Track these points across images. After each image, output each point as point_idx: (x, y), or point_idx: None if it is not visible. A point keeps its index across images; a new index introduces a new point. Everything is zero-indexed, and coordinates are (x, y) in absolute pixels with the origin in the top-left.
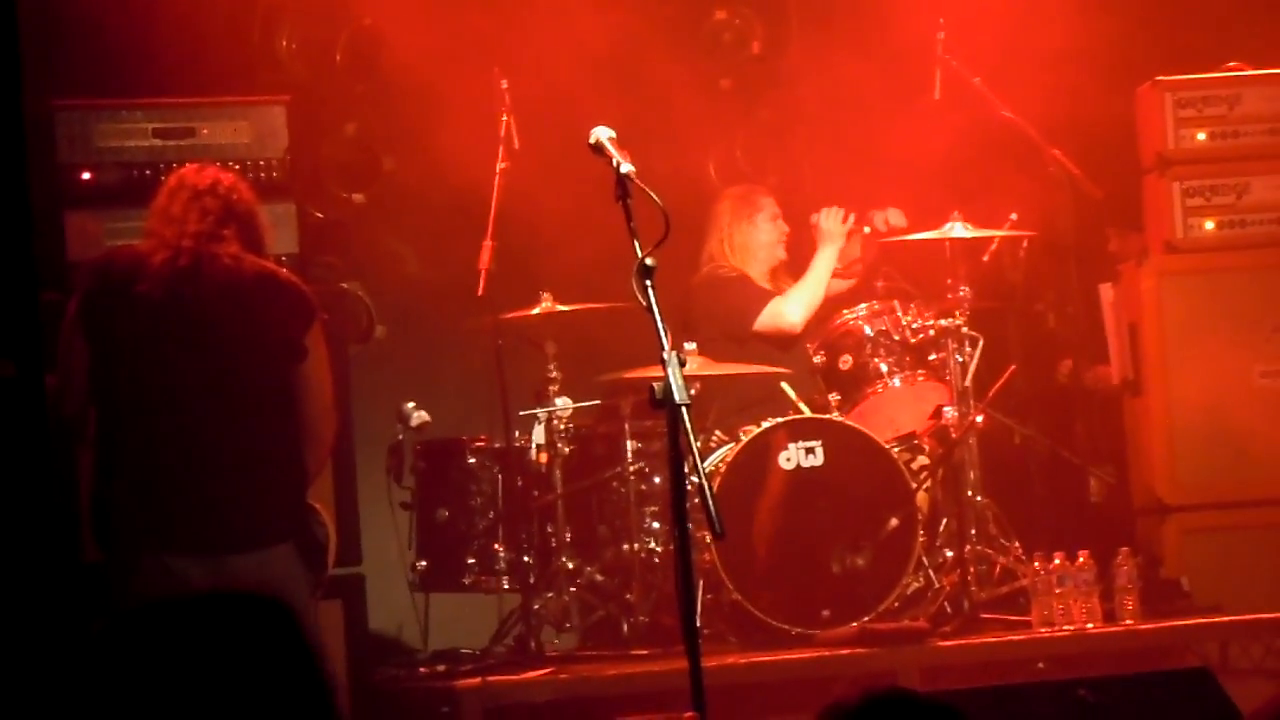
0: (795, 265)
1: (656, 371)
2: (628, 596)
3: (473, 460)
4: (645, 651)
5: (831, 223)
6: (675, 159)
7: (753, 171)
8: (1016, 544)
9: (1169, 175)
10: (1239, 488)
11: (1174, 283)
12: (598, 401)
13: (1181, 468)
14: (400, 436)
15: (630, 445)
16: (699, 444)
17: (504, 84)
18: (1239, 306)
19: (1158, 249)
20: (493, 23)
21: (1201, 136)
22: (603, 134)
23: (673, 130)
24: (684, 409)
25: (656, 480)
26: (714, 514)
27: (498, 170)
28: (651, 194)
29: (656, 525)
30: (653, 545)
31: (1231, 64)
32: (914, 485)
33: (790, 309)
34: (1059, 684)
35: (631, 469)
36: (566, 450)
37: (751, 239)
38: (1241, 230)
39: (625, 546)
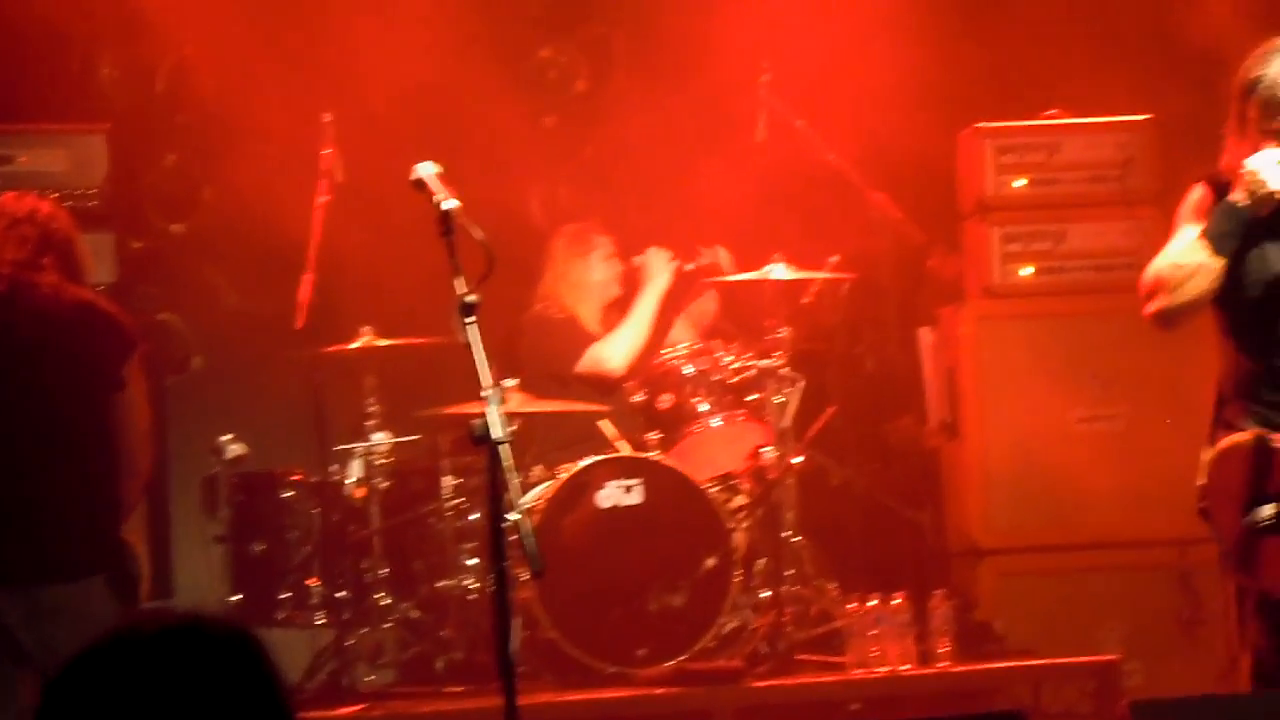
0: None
1: (476, 407)
2: (443, 633)
3: (289, 494)
4: (460, 689)
5: (656, 265)
6: (499, 196)
7: (576, 209)
8: (833, 585)
9: (988, 220)
10: (1053, 532)
11: (992, 327)
12: (416, 437)
13: (997, 511)
14: (215, 469)
15: (448, 481)
16: (518, 481)
17: (327, 117)
18: (1056, 352)
19: (976, 294)
20: (317, 55)
21: (1021, 183)
22: (425, 170)
23: (497, 167)
24: (503, 446)
25: (474, 517)
26: (532, 551)
27: (319, 203)
28: (474, 230)
29: (473, 562)
30: (469, 582)
31: (1052, 111)
32: (731, 525)
33: (611, 354)
34: None
35: (449, 505)
36: (384, 485)
37: (585, 277)
38: (1059, 276)
39: (441, 583)
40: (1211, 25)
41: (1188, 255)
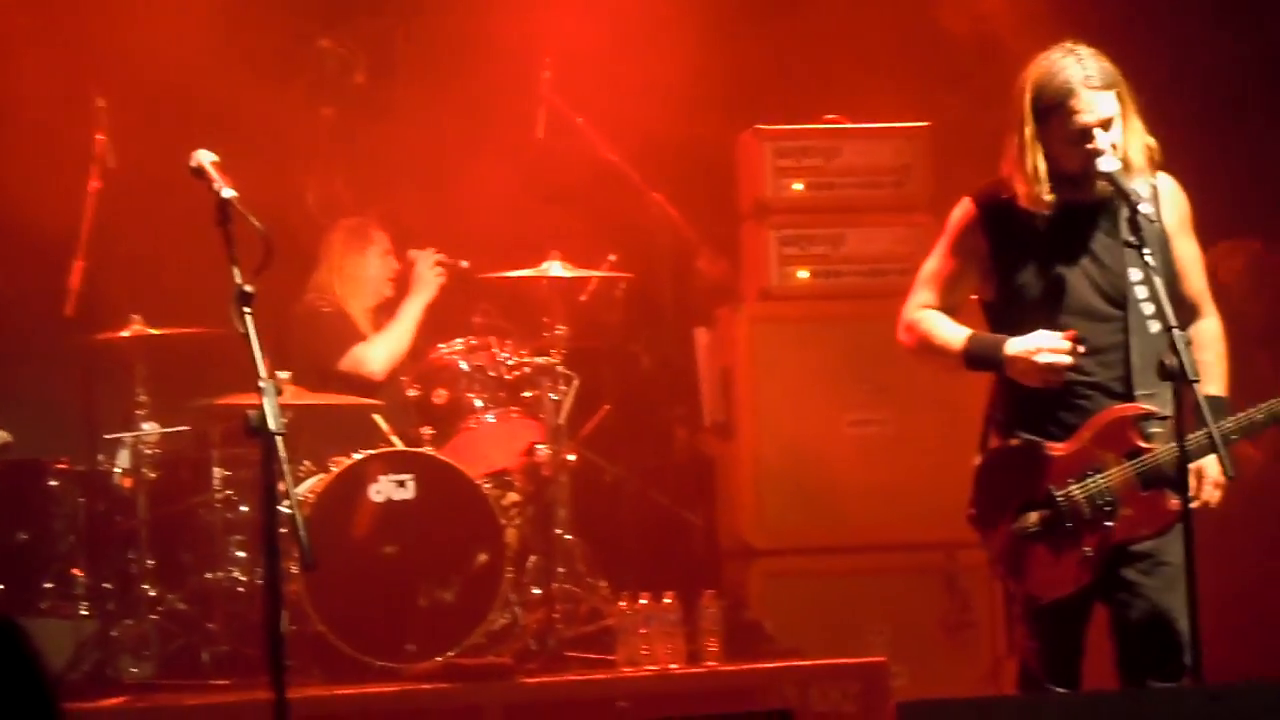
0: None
1: (249, 399)
2: (209, 626)
3: (54, 483)
4: (226, 682)
5: (424, 272)
6: (276, 186)
7: (353, 202)
8: (604, 583)
9: (766, 223)
10: (823, 534)
11: (768, 329)
12: (186, 428)
13: (768, 512)
14: None
15: (218, 473)
16: (290, 474)
17: (100, 102)
18: (830, 355)
19: (753, 296)
20: (88, 38)
21: (799, 186)
22: (204, 158)
23: (273, 157)
24: (278, 438)
25: (244, 509)
26: (304, 544)
27: (90, 189)
28: (253, 220)
29: (242, 554)
30: (237, 574)
31: (830, 116)
32: (504, 521)
33: (372, 357)
34: None
35: (218, 497)
36: (152, 476)
37: (361, 272)
38: (835, 280)
39: (209, 575)
40: (988, 34)
41: (943, 348)
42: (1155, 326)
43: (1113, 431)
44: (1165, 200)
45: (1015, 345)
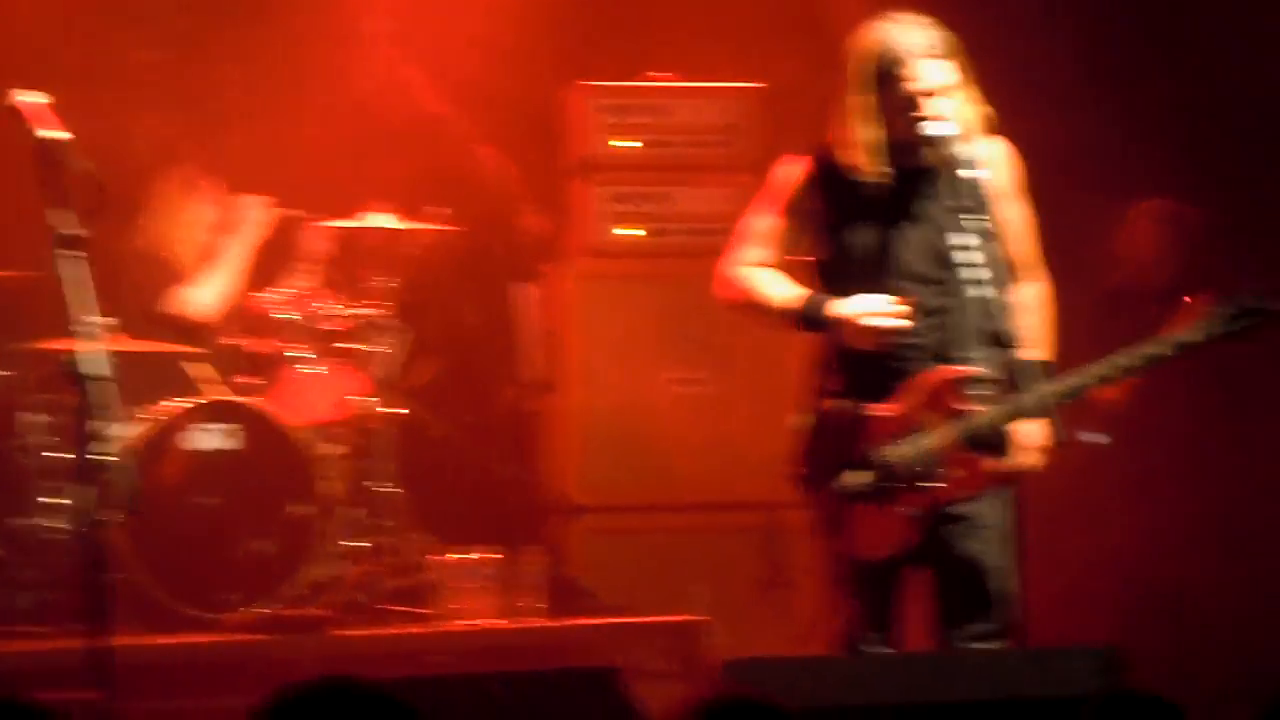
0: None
1: (69, 343)
2: (24, 573)
3: None
4: (40, 629)
5: (250, 213)
6: (100, 129)
7: (180, 148)
8: (426, 537)
9: (593, 180)
10: (647, 491)
11: (593, 287)
12: (5, 373)
13: (592, 469)
14: None
15: (32, 418)
16: (109, 421)
17: None
18: (655, 313)
19: (579, 252)
20: None
21: (627, 143)
22: (24, 98)
23: (98, 100)
24: (98, 383)
25: (59, 455)
26: (123, 492)
27: None
28: (81, 163)
29: (56, 500)
30: (52, 521)
31: (660, 74)
32: (327, 473)
33: (199, 298)
34: (471, 677)
35: (33, 442)
36: None
37: (189, 217)
38: (662, 239)
39: (22, 521)
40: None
41: (775, 306)
42: (983, 290)
43: (937, 393)
44: (997, 165)
45: (841, 307)
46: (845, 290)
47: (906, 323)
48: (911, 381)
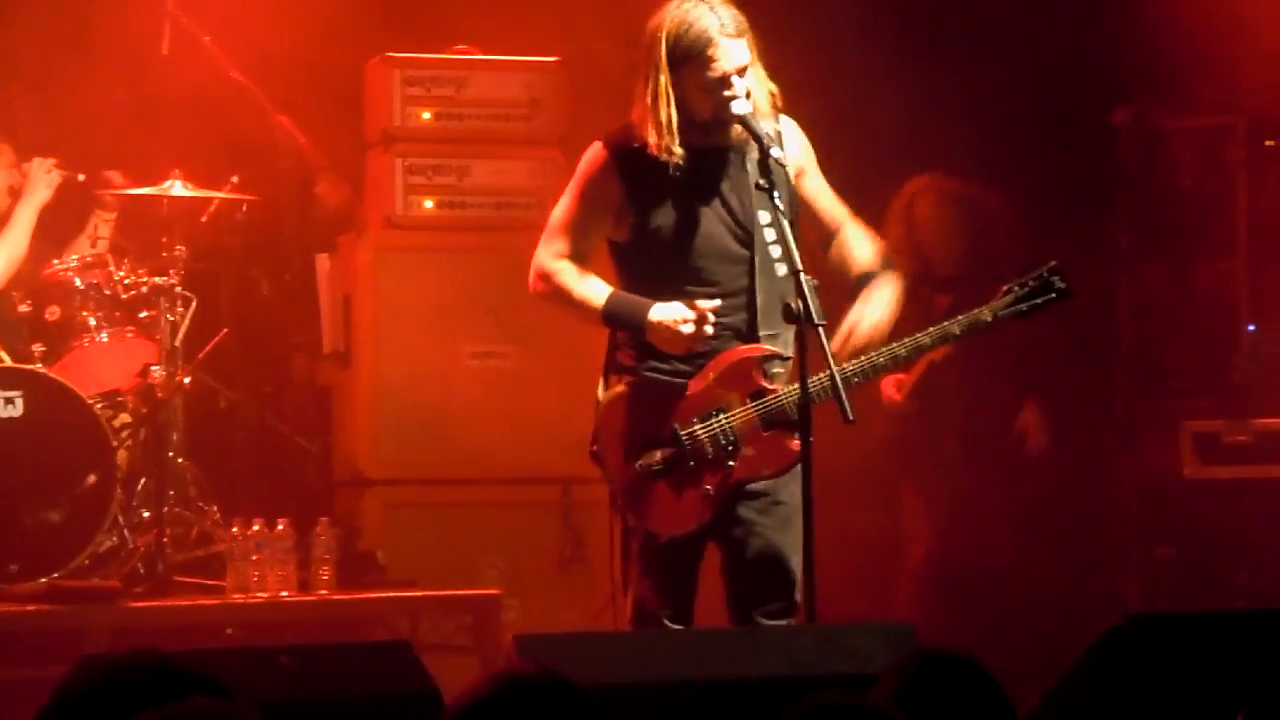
0: None
1: None
2: None
3: None
4: None
5: (36, 176)
6: None
7: None
8: (215, 508)
9: (393, 151)
10: (441, 465)
11: (391, 258)
12: None
13: (385, 442)
14: None
15: None
16: None
17: None
18: (454, 287)
19: (377, 223)
20: None
21: (427, 116)
22: None
23: None
24: None
25: None
26: None
27: None
28: None
29: None
30: None
31: (461, 46)
32: (115, 443)
33: None
34: (259, 650)
35: None
36: None
37: None
38: (461, 212)
39: None
40: None
41: (582, 303)
42: (783, 269)
43: (737, 372)
44: (790, 142)
45: (660, 312)
46: (647, 271)
47: (711, 330)
48: (714, 359)
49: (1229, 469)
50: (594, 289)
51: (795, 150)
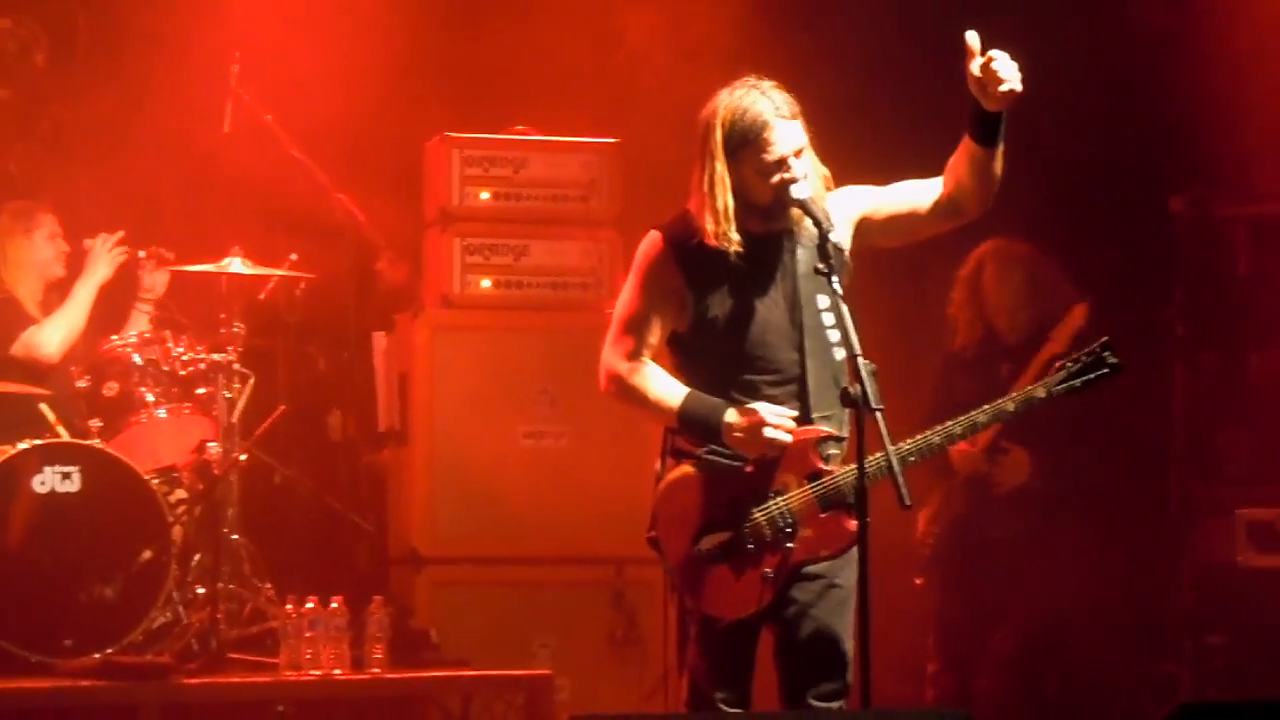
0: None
1: None
2: None
3: None
4: None
5: (99, 251)
6: None
7: (27, 186)
8: (269, 585)
9: (451, 231)
10: (493, 544)
11: (447, 337)
12: None
13: (439, 521)
14: None
15: None
16: None
17: None
18: (509, 366)
19: (434, 303)
20: None
21: (485, 195)
22: None
23: None
24: None
25: None
26: None
27: None
28: None
29: None
30: None
31: (519, 127)
32: (170, 519)
33: (46, 338)
34: None
35: None
36: None
37: (27, 256)
38: (518, 291)
39: None
40: (670, 60)
41: (657, 405)
42: (841, 353)
43: (794, 454)
44: (842, 210)
45: (736, 413)
46: (703, 358)
47: (789, 438)
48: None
49: None
50: (667, 390)
51: (850, 210)
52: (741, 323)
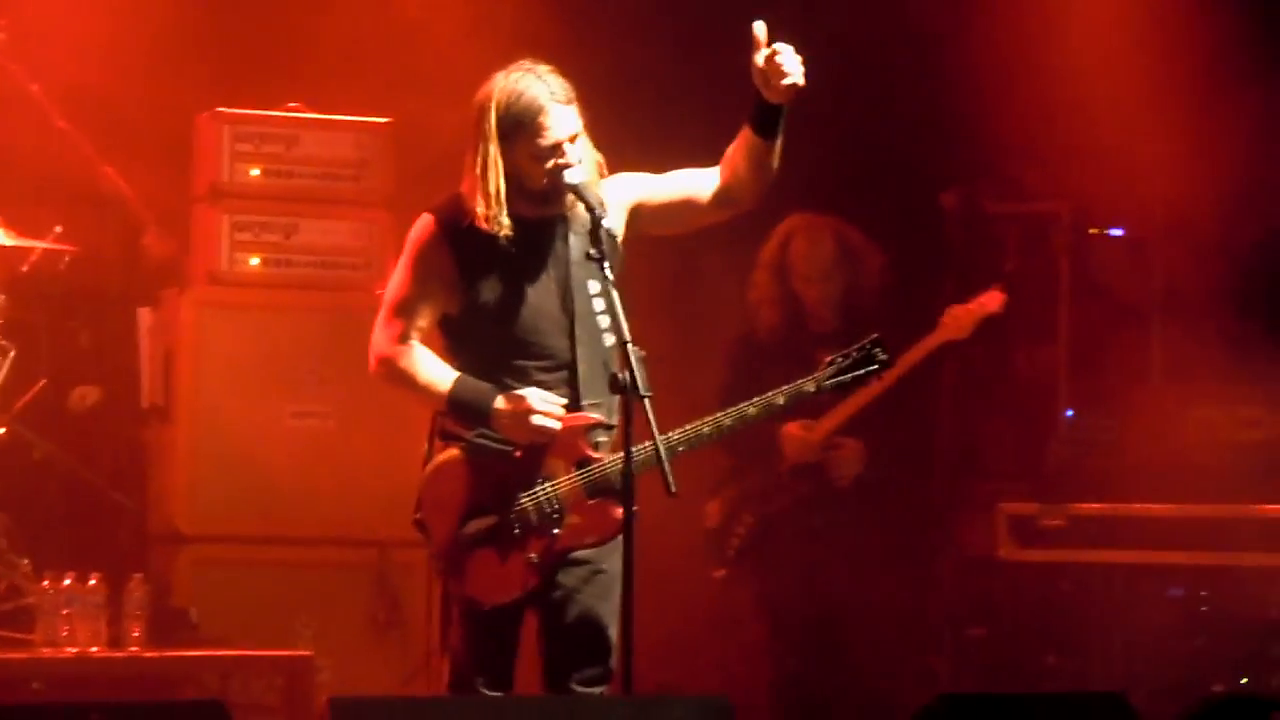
0: None
1: None
2: None
3: None
4: None
5: None
6: None
7: None
8: (26, 561)
9: (220, 207)
10: (256, 524)
11: (214, 314)
12: None
13: (202, 499)
14: None
15: None
16: None
17: None
18: (278, 345)
19: (201, 279)
20: None
21: (256, 172)
22: None
23: None
24: None
25: None
26: None
27: None
28: None
29: None
30: None
31: (293, 104)
32: None
33: None
34: (69, 706)
35: None
36: None
37: None
38: (286, 270)
39: None
40: (447, 38)
41: (426, 388)
42: (610, 339)
43: (562, 441)
44: (617, 195)
45: (505, 400)
46: (473, 343)
47: (558, 425)
48: None
49: (1043, 552)
50: (437, 374)
51: (623, 195)
52: (513, 308)
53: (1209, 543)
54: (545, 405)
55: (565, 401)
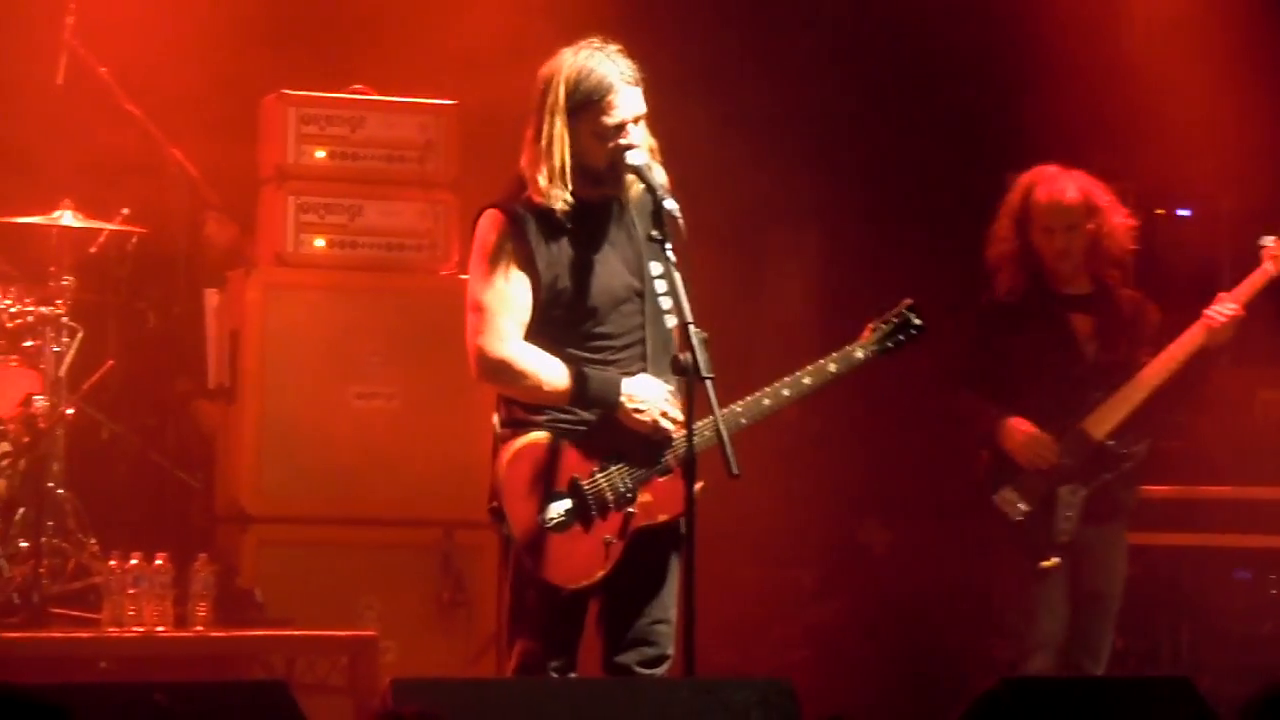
0: None
1: None
2: None
3: None
4: None
5: None
6: None
7: None
8: (94, 541)
9: (285, 189)
10: (321, 504)
11: (280, 296)
12: None
13: (267, 479)
14: None
15: None
16: None
17: None
18: (342, 326)
19: (267, 260)
20: None
21: (321, 154)
22: None
23: None
24: None
25: None
26: None
27: None
28: None
29: None
30: None
31: (357, 86)
32: None
33: None
34: (133, 686)
35: None
36: None
37: None
38: (351, 251)
39: None
40: (512, 20)
41: (547, 389)
42: (672, 321)
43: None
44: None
45: (631, 387)
46: (545, 322)
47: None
48: None
49: None
50: (553, 372)
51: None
52: (582, 290)
53: (1278, 525)
54: (671, 409)
55: (672, 388)
